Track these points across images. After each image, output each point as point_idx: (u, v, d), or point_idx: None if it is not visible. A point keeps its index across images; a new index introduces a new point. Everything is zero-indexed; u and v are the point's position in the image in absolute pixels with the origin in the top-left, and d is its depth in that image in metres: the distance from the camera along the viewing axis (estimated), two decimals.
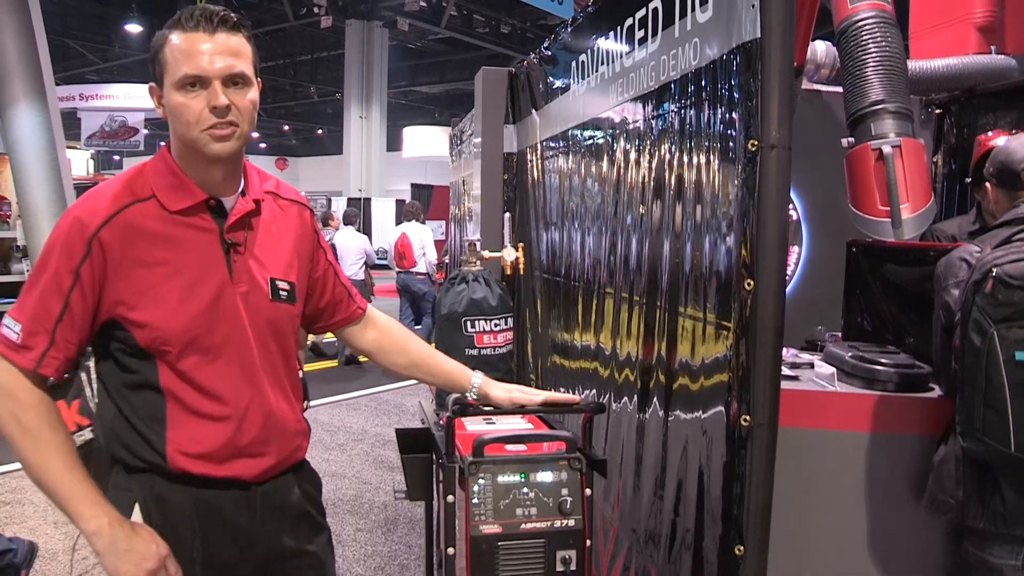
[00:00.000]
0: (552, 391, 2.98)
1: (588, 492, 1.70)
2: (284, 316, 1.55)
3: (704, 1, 1.74)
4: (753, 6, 1.50)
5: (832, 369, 2.06)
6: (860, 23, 2.32)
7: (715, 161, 1.70)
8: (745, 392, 1.53)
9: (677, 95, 1.90)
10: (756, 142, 1.50)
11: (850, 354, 2.09)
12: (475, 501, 1.64)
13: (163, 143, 1.52)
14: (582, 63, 2.73)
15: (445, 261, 8.37)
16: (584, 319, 2.69)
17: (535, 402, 1.77)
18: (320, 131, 33.14)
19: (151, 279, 1.41)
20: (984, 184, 2.36)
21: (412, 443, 2.22)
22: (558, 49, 3.11)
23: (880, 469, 1.96)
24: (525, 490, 1.66)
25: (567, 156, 2.93)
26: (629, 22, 2.22)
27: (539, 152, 3.34)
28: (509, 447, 1.75)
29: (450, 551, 1.70)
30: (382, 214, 20.64)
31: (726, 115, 1.64)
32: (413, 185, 19.24)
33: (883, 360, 2.04)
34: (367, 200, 20.29)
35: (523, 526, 1.64)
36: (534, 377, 3.43)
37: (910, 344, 2.31)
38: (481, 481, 1.65)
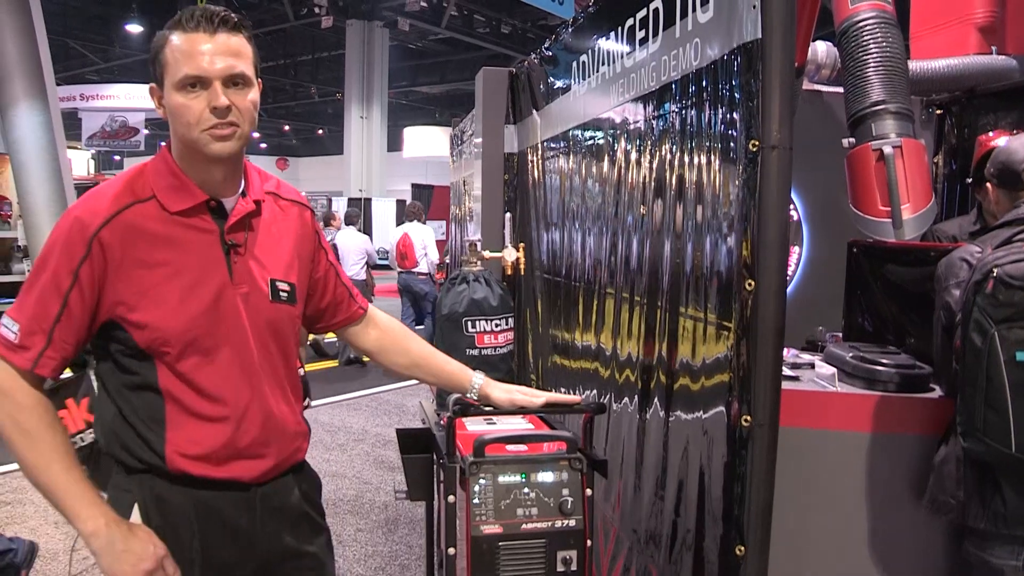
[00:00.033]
0: (553, 391, 2.98)
1: (589, 492, 1.70)
2: (284, 317, 1.55)
3: (705, 1, 1.74)
4: (754, 6, 1.50)
5: (833, 369, 2.05)
6: (861, 23, 2.32)
7: (716, 161, 1.70)
8: (746, 392, 1.53)
9: (678, 95, 1.90)
10: (757, 142, 1.50)
11: (851, 354, 2.09)
12: (476, 501, 1.64)
13: (164, 143, 1.52)
14: (583, 63, 2.72)
15: (446, 261, 8.38)
16: (585, 319, 2.69)
17: (536, 404, 1.77)
18: (321, 131, 33.14)
19: (151, 280, 1.40)
20: (985, 184, 2.36)
21: (413, 443, 2.22)
22: (559, 49, 3.11)
23: (881, 469, 1.96)
24: (526, 490, 1.66)
25: (568, 156, 2.93)
26: (630, 22, 2.22)
27: (540, 152, 3.34)
28: (510, 447, 1.75)
29: (451, 551, 1.70)
30: (383, 214, 20.64)
31: (727, 115, 1.64)
32: (414, 185, 19.24)
33: (884, 360, 2.04)
34: (367, 200, 20.29)
35: (524, 526, 1.64)
36: (535, 377, 3.43)
37: (911, 344, 2.31)
38: (482, 481, 1.65)
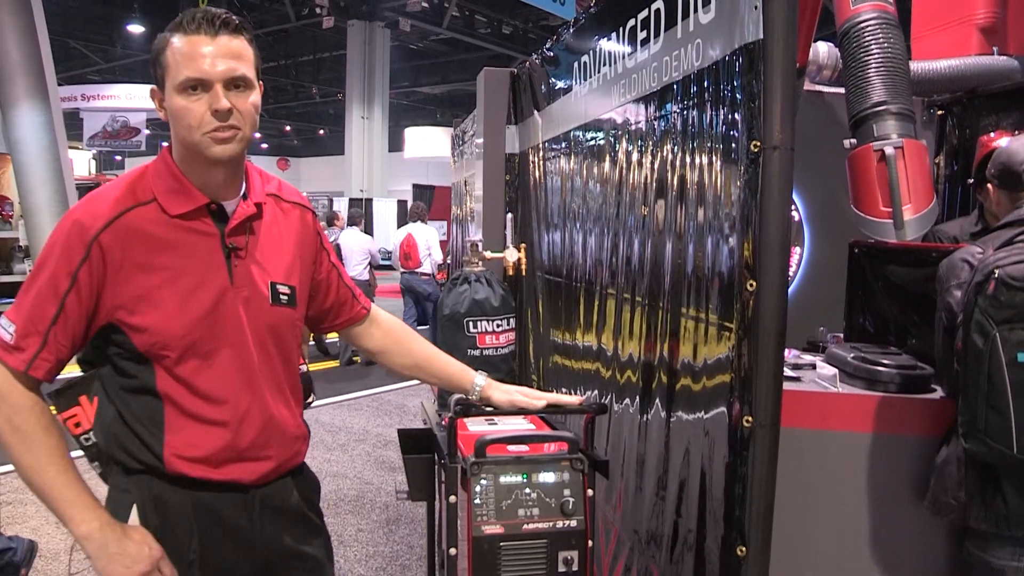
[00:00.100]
0: (554, 392, 2.98)
1: (590, 493, 1.70)
2: (284, 320, 1.55)
3: (707, 2, 1.74)
4: (756, 7, 1.50)
5: (834, 370, 2.05)
6: (862, 24, 2.31)
7: (717, 162, 1.70)
8: (747, 393, 1.53)
9: (679, 96, 1.90)
10: (758, 143, 1.50)
11: (852, 355, 2.09)
12: (477, 501, 1.64)
13: (165, 144, 1.52)
14: (584, 64, 2.73)
15: (447, 262, 8.38)
16: (586, 320, 2.69)
17: (536, 406, 1.77)
18: (322, 131, 33.16)
19: (151, 284, 1.40)
20: (986, 185, 2.36)
21: (414, 444, 2.22)
22: (560, 50, 3.11)
23: (882, 470, 1.96)
24: (527, 491, 1.66)
25: (569, 157, 2.93)
26: (631, 23, 2.22)
27: (541, 153, 3.34)
28: (511, 448, 1.75)
29: (452, 551, 1.70)
30: (384, 214, 20.65)
31: (728, 116, 1.64)
32: (415, 186, 19.24)
33: (885, 361, 2.04)
34: (368, 200, 20.29)
35: (525, 527, 1.64)
36: (536, 377, 3.43)
37: (912, 345, 2.31)
38: (483, 482, 1.65)
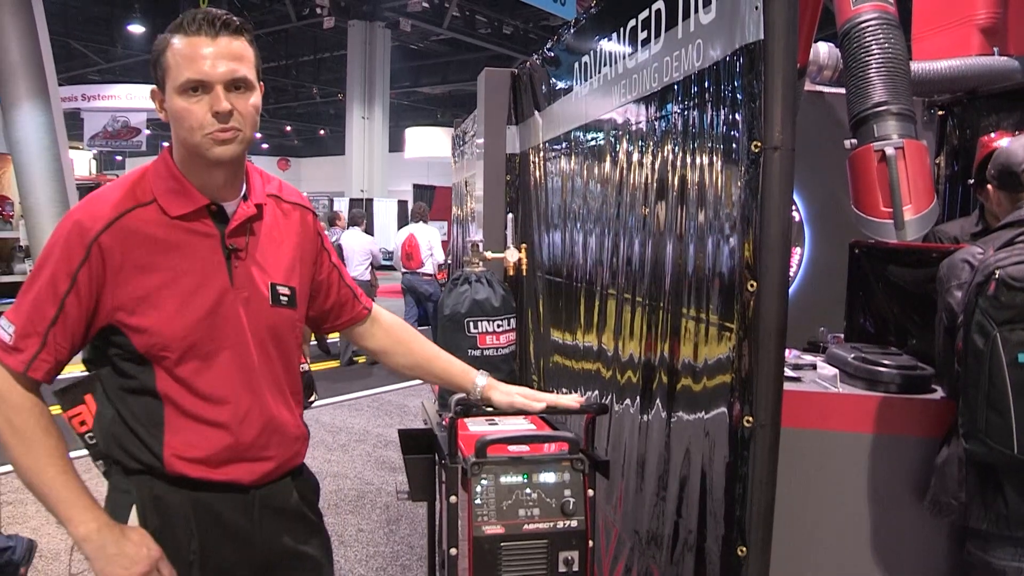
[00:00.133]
0: (555, 392, 2.98)
1: (591, 493, 1.70)
2: (285, 322, 1.55)
3: (707, 2, 1.74)
4: (756, 8, 1.50)
5: (835, 370, 2.05)
6: (863, 25, 2.31)
7: (718, 162, 1.70)
8: (748, 393, 1.53)
9: (680, 96, 1.90)
10: (759, 143, 1.50)
11: (852, 355, 2.09)
12: (478, 502, 1.64)
13: (166, 144, 1.52)
14: (585, 64, 2.73)
15: (447, 262, 8.38)
16: (587, 320, 2.69)
17: (535, 408, 1.77)
18: (322, 132, 33.16)
19: (151, 285, 1.40)
20: (986, 186, 2.36)
21: (415, 444, 2.22)
22: (561, 50, 3.11)
23: (882, 470, 1.96)
24: (528, 491, 1.66)
25: (570, 157, 2.93)
26: (632, 23, 2.22)
27: (542, 153, 3.34)
28: (512, 448, 1.75)
29: (452, 552, 1.70)
30: (384, 215, 20.65)
31: (729, 116, 1.64)
32: (415, 186, 19.25)
33: (886, 361, 2.04)
34: (369, 201, 20.29)
35: (526, 527, 1.64)
36: (536, 378, 3.43)
37: (912, 345, 2.31)
38: (484, 482, 1.65)
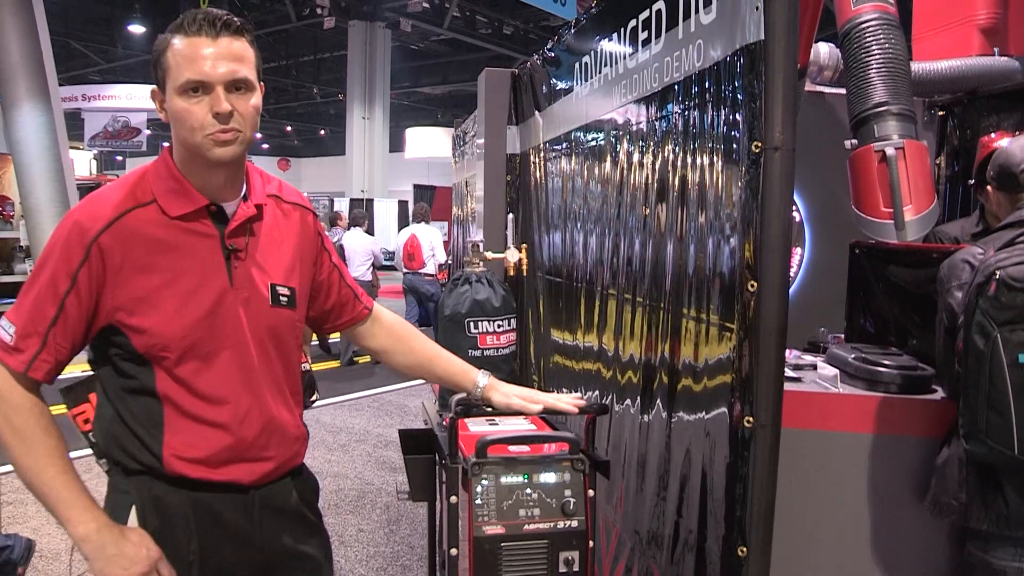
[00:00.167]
0: (555, 392, 2.98)
1: (591, 493, 1.71)
2: (284, 322, 1.55)
3: (708, 3, 1.74)
4: (757, 8, 1.50)
5: (835, 371, 2.05)
6: (863, 25, 2.31)
7: (718, 163, 1.70)
8: (748, 393, 1.53)
9: (681, 97, 1.90)
10: (760, 144, 1.50)
11: (853, 356, 2.09)
12: (478, 502, 1.64)
13: (166, 144, 1.52)
14: (585, 65, 2.73)
15: (448, 262, 8.38)
16: (587, 320, 2.69)
17: (532, 410, 1.76)
18: (323, 132, 33.18)
19: (151, 285, 1.40)
20: (987, 186, 2.36)
21: (415, 444, 2.22)
22: (561, 51, 3.11)
23: (883, 471, 1.96)
24: (528, 491, 1.66)
25: (570, 157, 2.93)
26: (632, 24, 2.22)
27: (542, 153, 3.34)
28: (512, 448, 1.75)
29: (453, 552, 1.70)
30: (385, 215, 20.66)
31: (730, 117, 1.64)
32: (415, 186, 19.26)
33: (886, 362, 2.04)
34: (369, 201, 20.31)
35: (526, 527, 1.64)
36: (537, 378, 3.43)
37: (913, 346, 2.31)
38: (484, 482, 1.66)
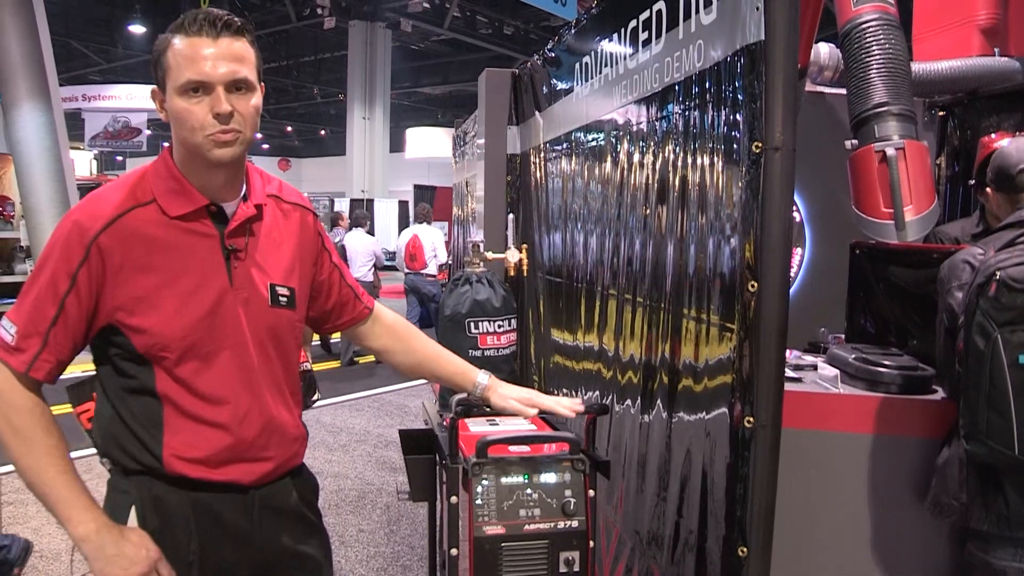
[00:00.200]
0: (556, 393, 2.98)
1: (592, 493, 1.71)
2: (284, 322, 1.55)
3: (708, 3, 1.74)
4: (757, 8, 1.50)
5: (835, 371, 2.05)
6: (864, 25, 2.31)
7: (719, 163, 1.70)
8: (748, 394, 1.53)
9: (681, 97, 1.90)
10: (760, 144, 1.50)
11: (853, 356, 2.09)
12: (478, 502, 1.64)
13: (166, 144, 1.52)
14: (586, 65, 2.73)
15: (448, 262, 8.38)
16: (587, 320, 2.69)
17: (528, 414, 1.75)
18: (323, 132, 33.18)
19: (150, 285, 1.40)
20: (987, 187, 2.36)
21: (415, 444, 2.22)
22: (561, 51, 3.11)
23: (883, 471, 1.96)
24: (528, 491, 1.66)
25: (571, 158, 2.93)
26: (633, 24, 2.22)
27: (542, 153, 3.34)
28: (512, 448, 1.75)
29: (453, 552, 1.70)
30: (385, 215, 20.66)
31: (730, 117, 1.64)
32: (416, 186, 19.26)
33: (886, 362, 2.04)
34: (370, 201, 20.31)
35: (526, 527, 1.64)
36: (537, 378, 3.43)
37: (913, 346, 2.31)
38: (484, 482, 1.66)
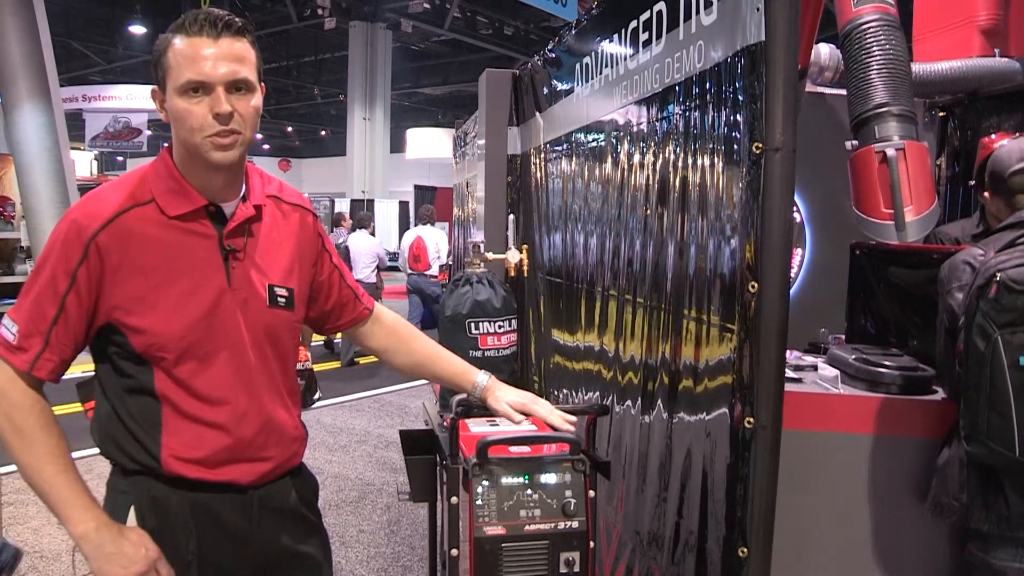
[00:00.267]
0: (556, 393, 2.98)
1: (592, 494, 1.71)
2: (282, 323, 1.55)
3: (709, 4, 1.74)
4: (758, 9, 1.50)
5: (836, 371, 2.05)
6: (864, 26, 2.31)
7: (719, 164, 1.70)
8: (749, 394, 1.53)
9: (681, 98, 1.90)
10: (760, 145, 1.50)
11: (853, 356, 2.09)
12: (479, 503, 1.64)
13: (166, 144, 1.52)
14: (586, 65, 2.73)
15: (448, 263, 8.37)
16: (588, 321, 2.69)
17: (515, 420, 1.73)
18: (324, 132, 33.19)
19: (149, 284, 1.40)
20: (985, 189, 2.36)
21: (416, 445, 2.22)
22: (562, 51, 3.11)
23: (883, 472, 1.96)
24: (529, 492, 1.66)
25: (571, 158, 2.93)
26: (633, 25, 2.22)
27: (543, 154, 3.34)
28: (513, 449, 1.75)
29: (454, 552, 1.70)
30: (385, 216, 20.66)
31: (730, 118, 1.64)
32: (416, 187, 19.26)
33: (886, 362, 2.04)
34: (370, 201, 20.31)
35: (527, 527, 1.64)
36: (537, 379, 3.43)
37: (913, 346, 2.31)
38: (485, 483, 1.66)
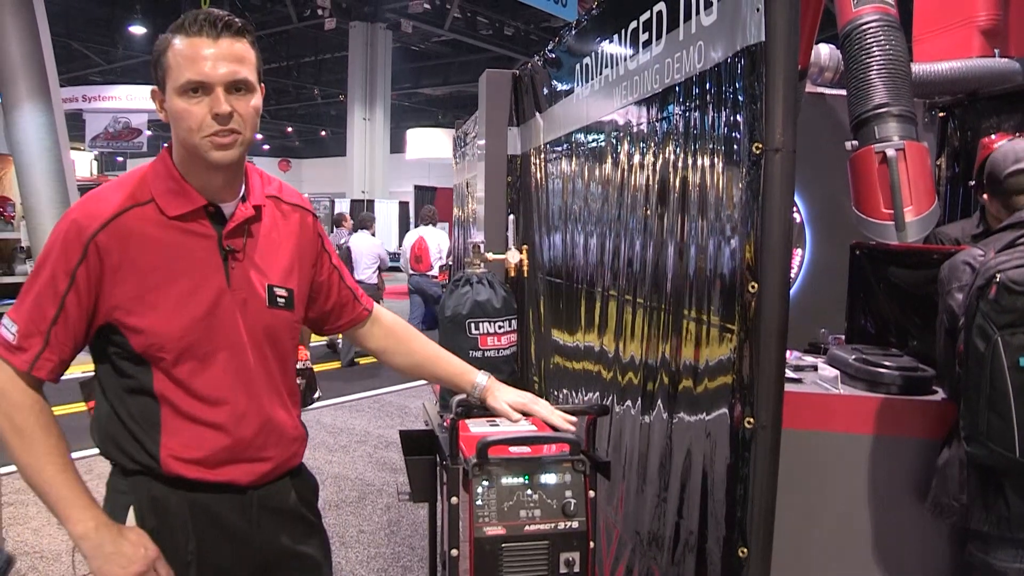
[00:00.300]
0: (556, 394, 2.98)
1: (592, 494, 1.71)
2: (281, 323, 1.55)
3: (709, 4, 1.74)
4: (758, 9, 1.50)
5: (835, 372, 2.05)
6: (864, 26, 2.31)
7: (719, 164, 1.70)
8: (749, 394, 1.53)
9: (681, 98, 1.90)
10: (760, 145, 1.50)
11: (853, 357, 2.09)
12: (479, 503, 1.64)
13: (166, 144, 1.52)
14: (586, 66, 2.73)
15: (448, 263, 8.38)
16: (588, 321, 2.69)
17: (513, 419, 1.73)
18: (324, 133, 33.19)
19: (148, 285, 1.40)
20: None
21: (416, 445, 2.22)
22: (562, 52, 3.11)
23: (883, 472, 1.96)
24: (529, 492, 1.66)
25: (571, 159, 2.93)
26: (633, 25, 2.22)
27: (543, 154, 3.34)
28: (513, 449, 1.75)
29: (454, 552, 1.70)
30: (385, 216, 20.66)
31: (730, 118, 1.64)
32: (416, 187, 19.27)
33: (886, 363, 2.04)
34: (370, 202, 20.31)
35: (527, 528, 1.64)
36: (537, 379, 3.43)
37: (913, 347, 2.31)
38: (485, 483, 1.66)
